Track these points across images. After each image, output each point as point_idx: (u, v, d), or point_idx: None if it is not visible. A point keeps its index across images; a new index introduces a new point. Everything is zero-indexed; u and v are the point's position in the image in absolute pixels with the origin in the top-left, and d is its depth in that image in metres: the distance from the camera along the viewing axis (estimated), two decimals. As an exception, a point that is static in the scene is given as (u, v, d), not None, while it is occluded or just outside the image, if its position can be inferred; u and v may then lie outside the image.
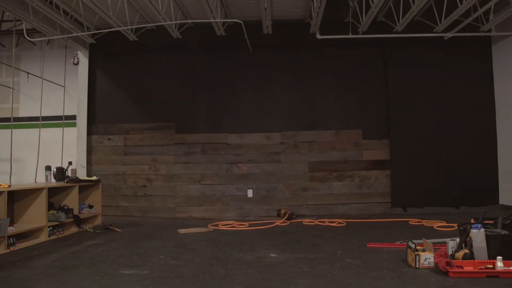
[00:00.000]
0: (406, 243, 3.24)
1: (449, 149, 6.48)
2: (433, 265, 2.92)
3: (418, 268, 2.93)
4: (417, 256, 2.95)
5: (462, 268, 2.78)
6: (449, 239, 3.24)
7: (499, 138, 6.51)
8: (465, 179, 6.41)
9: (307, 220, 5.70)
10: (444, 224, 4.95)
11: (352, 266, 3.09)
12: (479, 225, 2.94)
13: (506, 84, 6.34)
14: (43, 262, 3.37)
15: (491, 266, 2.74)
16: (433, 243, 3.17)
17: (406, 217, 5.85)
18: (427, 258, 2.93)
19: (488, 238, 2.91)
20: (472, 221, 4.20)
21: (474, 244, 2.91)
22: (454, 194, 6.42)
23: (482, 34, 6.23)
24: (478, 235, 2.90)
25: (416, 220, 5.42)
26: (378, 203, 6.51)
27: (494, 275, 2.69)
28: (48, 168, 5.24)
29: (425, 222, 5.21)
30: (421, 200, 6.43)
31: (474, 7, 5.54)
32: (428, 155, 6.48)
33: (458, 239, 3.13)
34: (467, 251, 2.92)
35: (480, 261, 2.83)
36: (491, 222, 3.43)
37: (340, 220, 5.56)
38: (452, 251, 3.05)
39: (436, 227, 4.84)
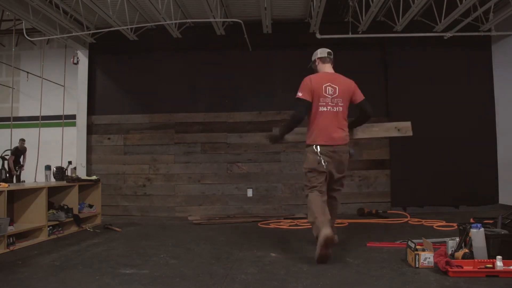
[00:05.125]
0: (405, 242, 3.23)
1: (448, 148, 6.47)
2: (432, 264, 2.91)
3: (418, 267, 2.92)
4: (417, 256, 2.94)
5: (462, 267, 2.77)
6: (448, 238, 3.23)
7: (499, 138, 6.51)
8: (464, 179, 6.40)
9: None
10: (443, 223, 4.95)
11: (352, 266, 3.09)
12: (479, 225, 2.94)
13: (506, 83, 6.34)
14: (43, 262, 3.37)
15: (491, 265, 2.74)
16: (432, 242, 3.17)
17: (406, 216, 5.85)
18: (426, 257, 2.93)
19: (487, 237, 2.91)
20: (472, 220, 4.22)
21: (473, 244, 2.91)
22: (454, 193, 6.41)
23: (482, 33, 6.23)
24: (477, 234, 2.90)
25: (416, 219, 5.43)
26: (378, 203, 6.51)
27: (494, 275, 2.68)
28: (47, 167, 5.25)
29: (425, 221, 5.20)
30: (421, 200, 6.43)
31: (474, 7, 5.54)
32: (428, 155, 6.48)
33: (457, 239, 3.12)
34: (466, 250, 2.91)
35: (479, 260, 2.82)
36: (490, 221, 3.43)
37: (339, 220, 5.55)
38: (452, 250, 3.04)
39: (436, 226, 4.84)
